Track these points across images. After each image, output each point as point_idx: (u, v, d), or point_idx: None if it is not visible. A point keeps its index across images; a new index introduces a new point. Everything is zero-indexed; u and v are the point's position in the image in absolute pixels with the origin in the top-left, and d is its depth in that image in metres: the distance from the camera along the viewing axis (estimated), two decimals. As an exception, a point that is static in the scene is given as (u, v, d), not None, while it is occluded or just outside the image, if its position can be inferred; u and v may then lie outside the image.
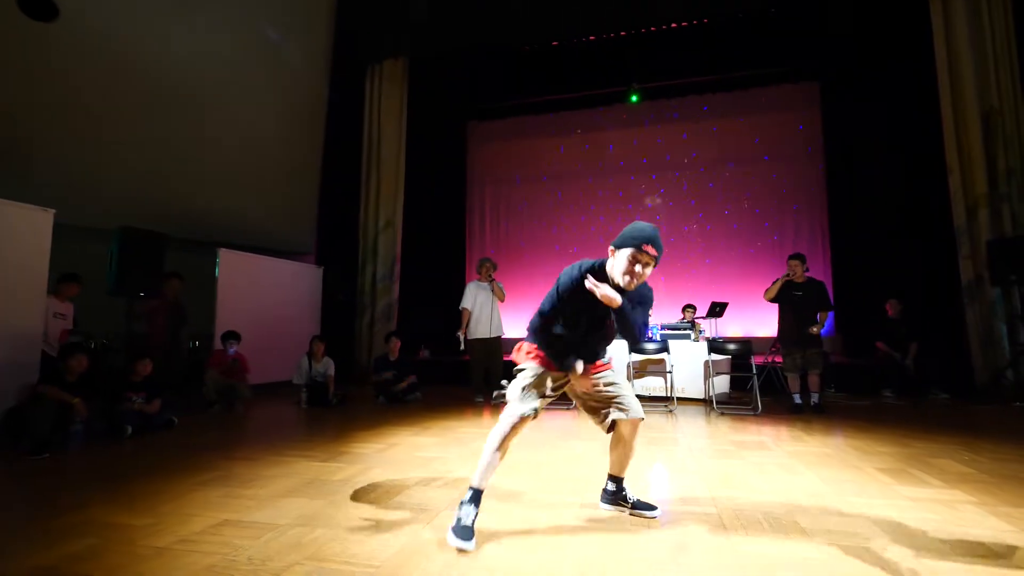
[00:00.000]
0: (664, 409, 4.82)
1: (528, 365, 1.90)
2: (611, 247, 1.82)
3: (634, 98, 8.10)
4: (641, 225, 1.78)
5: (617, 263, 1.78)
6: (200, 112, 6.28)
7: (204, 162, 6.38)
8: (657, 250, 1.74)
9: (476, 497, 1.78)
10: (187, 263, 5.97)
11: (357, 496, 2.22)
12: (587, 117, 8.82)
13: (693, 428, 3.94)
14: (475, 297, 5.41)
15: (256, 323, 5.97)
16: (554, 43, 8.01)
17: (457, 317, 5.47)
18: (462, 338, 5.40)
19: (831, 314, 5.09)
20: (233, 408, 4.74)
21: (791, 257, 4.86)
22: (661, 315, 6.57)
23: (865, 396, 5.57)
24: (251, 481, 2.45)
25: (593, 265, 1.83)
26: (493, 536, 1.77)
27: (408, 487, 2.35)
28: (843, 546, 1.67)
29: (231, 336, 5.04)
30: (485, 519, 1.91)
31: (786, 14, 7.12)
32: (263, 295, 6.24)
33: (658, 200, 8.54)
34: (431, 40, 7.70)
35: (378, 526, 1.87)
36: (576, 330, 1.85)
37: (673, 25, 7.62)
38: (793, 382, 4.77)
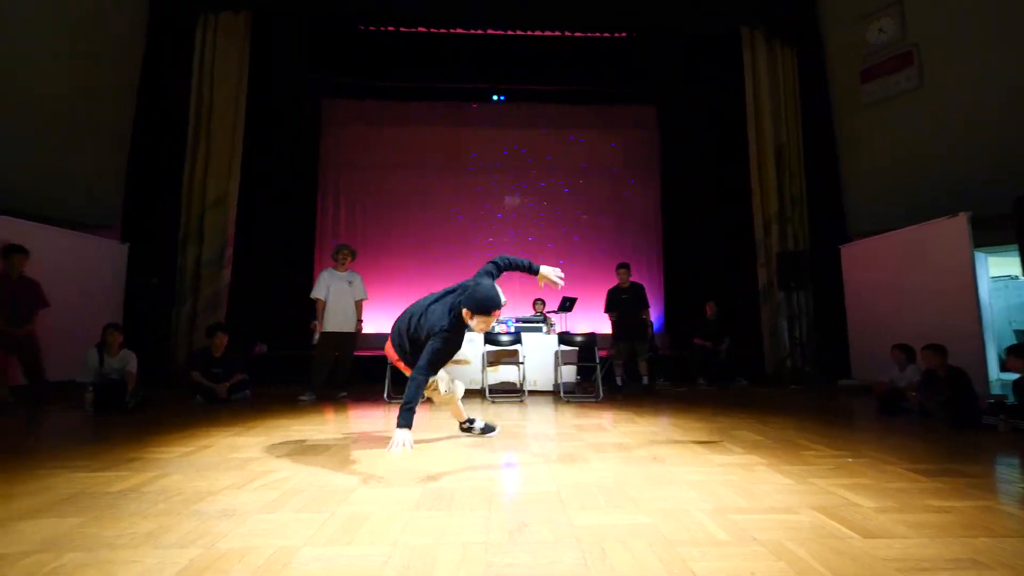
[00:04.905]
0: (516, 399, 4.89)
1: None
2: (467, 311, 2.38)
3: (497, 97, 8.23)
4: (487, 294, 2.36)
5: (475, 323, 2.39)
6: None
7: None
8: (499, 309, 2.40)
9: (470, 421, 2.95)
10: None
11: (141, 508, 1.78)
12: (451, 111, 8.74)
13: (541, 415, 4.04)
14: (328, 287, 4.93)
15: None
16: (420, 28, 7.78)
17: (302, 309, 4.93)
18: (316, 330, 4.88)
19: (661, 312, 5.81)
20: (-23, 416, 3.63)
21: (619, 267, 5.71)
22: (515, 309, 6.73)
23: (685, 384, 6.33)
24: (-23, 503, 1.83)
25: (449, 326, 2.45)
26: (310, 540, 1.53)
27: (214, 493, 1.96)
28: (667, 510, 1.77)
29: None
30: (299, 520, 1.66)
31: (632, 42, 7.87)
32: (38, 274, 4.94)
33: (516, 200, 8.78)
34: None
35: (162, 540, 1.50)
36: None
37: (538, 32, 7.92)
38: (618, 367, 5.60)
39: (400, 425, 2.29)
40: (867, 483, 2.11)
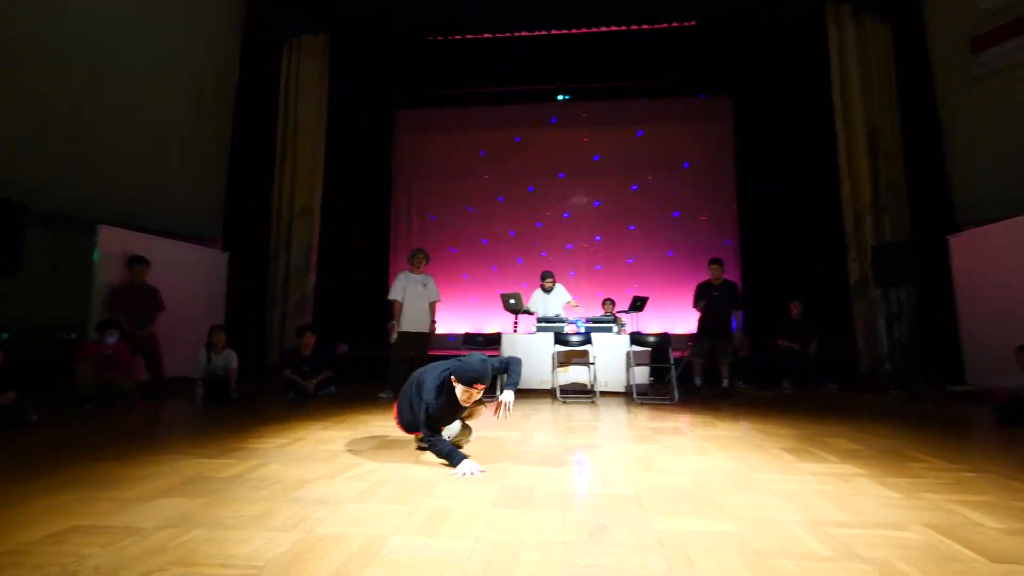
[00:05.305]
0: (587, 401, 4.85)
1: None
2: (454, 378, 2.45)
3: (562, 97, 8.20)
4: (474, 367, 2.38)
5: (459, 391, 2.44)
6: (84, 71, 5.50)
7: (85, 127, 5.59)
8: (483, 383, 2.41)
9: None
10: (60, 243, 5.21)
11: (248, 493, 1.96)
12: (516, 113, 8.82)
13: (613, 417, 3.98)
14: (404, 288, 5.15)
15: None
16: (485, 35, 7.92)
17: (379, 311, 5.18)
18: (394, 331, 5.10)
19: (742, 313, 5.54)
20: (111, 406, 4.15)
21: (711, 262, 5.49)
22: (585, 309, 6.66)
23: (767, 387, 5.97)
24: (115, 483, 2.09)
25: (434, 398, 2.50)
26: (399, 529, 1.60)
27: (309, 481, 2.12)
28: (754, 519, 1.69)
29: (109, 325, 4.42)
30: (387, 510, 1.75)
31: (703, 30, 7.54)
32: (157, 281, 5.55)
33: (583, 199, 8.70)
34: (356, 16, 7.31)
35: (268, 523, 1.64)
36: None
37: (603, 28, 7.81)
38: (697, 366, 5.40)
39: (455, 464, 2.28)
40: (990, 501, 1.88)
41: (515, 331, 6.01)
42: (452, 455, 2.34)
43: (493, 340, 5.52)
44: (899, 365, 5.91)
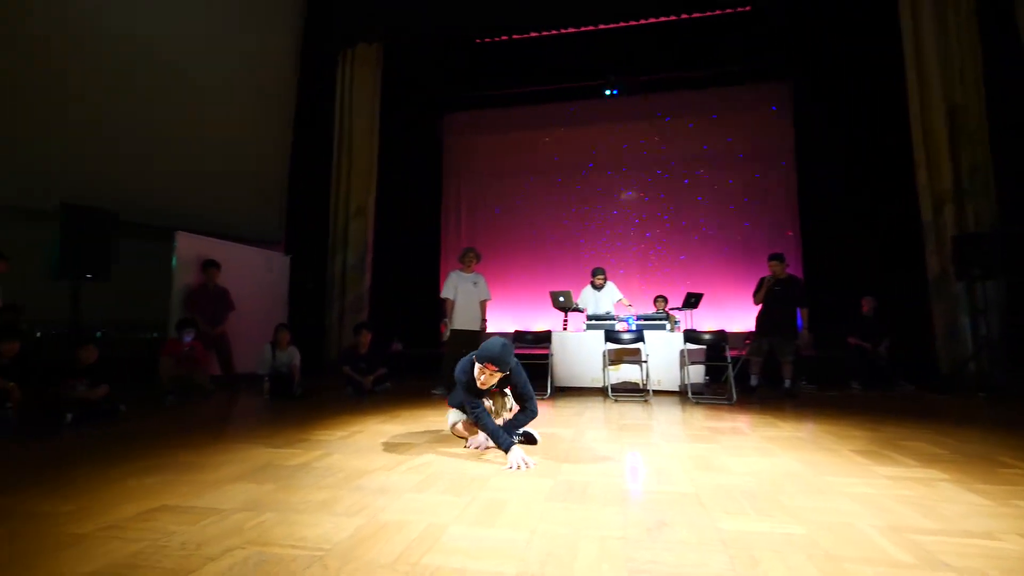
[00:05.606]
0: (640, 400, 4.76)
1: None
2: (475, 356, 2.54)
3: (610, 92, 8.07)
4: (489, 347, 2.46)
5: (475, 370, 2.52)
6: (160, 90, 5.97)
7: (163, 142, 6.06)
8: (496, 365, 2.44)
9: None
10: (142, 249, 5.66)
11: (313, 481, 2.06)
12: (563, 111, 8.76)
13: (668, 415, 3.88)
14: (456, 287, 5.24)
15: (217, 312, 5.66)
16: (532, 33, 7.93)
17: (431, 309, 5.30)
18: (447, 328, 5.21)
19: (807, 311, 5.23)
20: (189, 399, 4.47)
21: (770, 257, 5.23)
22: (637, 307, 6.52)
23: (834, 387, 5.63)
24: (196, 468, 2.25)
25: (464, 380, 2.59)
26: (456, 519, 1.63)
27: (369, 472, 2.20)
28: (826, 523, 1.60)
29: (186, 324, 4.76)
30: (445, 501, 1.78)
31: (759, 14, 7.21)
32: (227, 283, 5.93)
33: (633, 195, 8.53)
34: (406, 25, 7.51)
35: (333, 509, 1.71)
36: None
37: (651, 20, 7.63)
38: (754, 364, 5.17)
39: (506, 449, 2.34)
40: (1102, 512, 1.70)
41: (565, 329, 5.98)
42: (498, 435, 2.41)
43: (543, 338, 5.52)
44: (986, 365, 5.41)
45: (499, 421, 2.68)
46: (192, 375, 4.61)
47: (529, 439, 2.80)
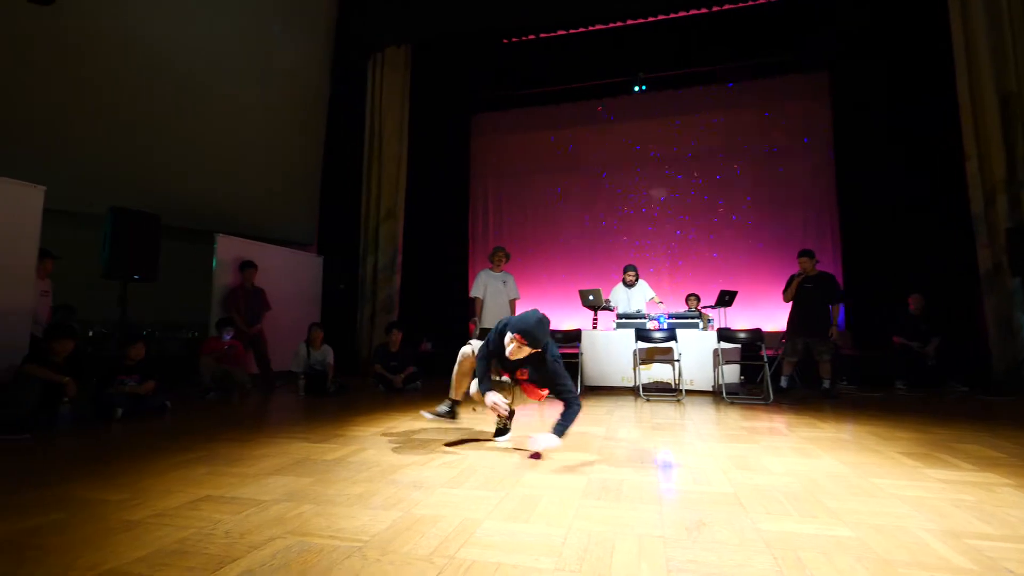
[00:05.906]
0: (672, 399, 4.67)
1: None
2: (507, 325, 2.52)
3: (639, 88, 7.96)
4: (525, 318, 2.43)
5: (506, 338, 2.47)
6: (199, 97, 6.20)
7: (202, 148, 6.28)
8: (526, 339, 2.37)
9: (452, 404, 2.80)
10: (183, 251, 5.88)
11: (350, 474, 2.09)
12: (591, 108, 8.67)
13: (702, 415, 3.79)
14: (485, 286, 5.26)
15: (255, 312, 5.84)
16: (560, 32, 7.89)
17: (460, 309, 5.33)
18: (476, 327, 5.23)
19: (842, 307, 5.04)
20: (229, 395, 4.62)
21: (800, 254, 5.14)
22: (668, 305, 6.42)
23: (877, 388, 5.41)
24: (238, 460, 2.32)
25: (493, 340, 2.61)
26: (490, 514, 1.63)
27: (403, 467, 2.22)
28: (875, 526, 1.53)
29: (226, 323, 4.93)
30: (479, 496, 1.78)
31: (794, 2, 6.99)
32: (263, 283, 6.11)
33: (663, 192, 8.38)
34: (435, 27, 7.58)
35: (369, 502, 1.74)
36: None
37: (680, 13, 7.49)
38: (787, 366, 5.05)
39: (482, 389, 2.53)
40: None
41: (594, 327, 5.93)
42: (482, 381, 2.54)
43: (572, 337, 5.48)
44: (1045, 365, 5.10)
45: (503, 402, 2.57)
46: (232, 373, 4.76)
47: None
